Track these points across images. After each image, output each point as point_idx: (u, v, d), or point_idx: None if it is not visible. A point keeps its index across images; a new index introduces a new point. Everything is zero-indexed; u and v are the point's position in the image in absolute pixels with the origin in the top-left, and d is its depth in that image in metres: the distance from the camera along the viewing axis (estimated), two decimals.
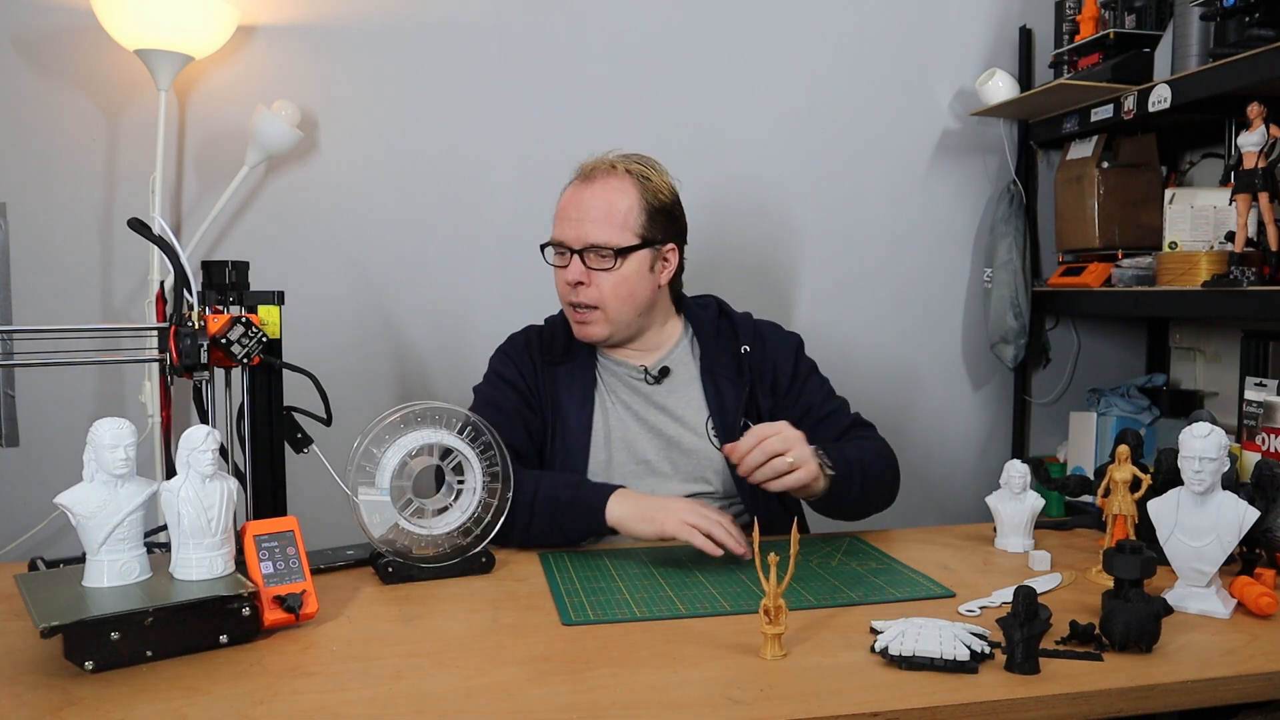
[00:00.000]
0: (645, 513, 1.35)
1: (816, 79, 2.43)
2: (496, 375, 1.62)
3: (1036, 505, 1.41)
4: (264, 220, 2.20)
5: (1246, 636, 1.06)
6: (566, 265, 1.53)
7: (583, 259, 1.51)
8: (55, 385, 2.10)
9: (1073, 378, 2.65)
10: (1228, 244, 1.99)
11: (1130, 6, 2.19)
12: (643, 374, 1.60)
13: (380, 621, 1.11)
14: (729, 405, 1.58)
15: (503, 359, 1.63)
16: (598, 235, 1.51)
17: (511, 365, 1.61)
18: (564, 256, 1.54)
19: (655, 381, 1.60)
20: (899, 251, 2.52)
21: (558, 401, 1.57)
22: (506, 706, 0.89)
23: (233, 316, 1.18)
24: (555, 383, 1.58)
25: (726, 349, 1.62)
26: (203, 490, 1.06)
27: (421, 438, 1.26)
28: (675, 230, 1.59)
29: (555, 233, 1.55)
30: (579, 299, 1.53)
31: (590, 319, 1.54)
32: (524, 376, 1.59)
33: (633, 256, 1.52)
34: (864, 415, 1.66)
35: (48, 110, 2.09)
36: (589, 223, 1.51)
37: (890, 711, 0.88)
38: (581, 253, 1.51)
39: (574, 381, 1.58)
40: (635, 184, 1.53)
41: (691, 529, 1.31)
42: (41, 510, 2.05)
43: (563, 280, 1.55)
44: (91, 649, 0.94)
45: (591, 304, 1.53)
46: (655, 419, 1.58)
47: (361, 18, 2.21)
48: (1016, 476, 1.40)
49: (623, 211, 1.52)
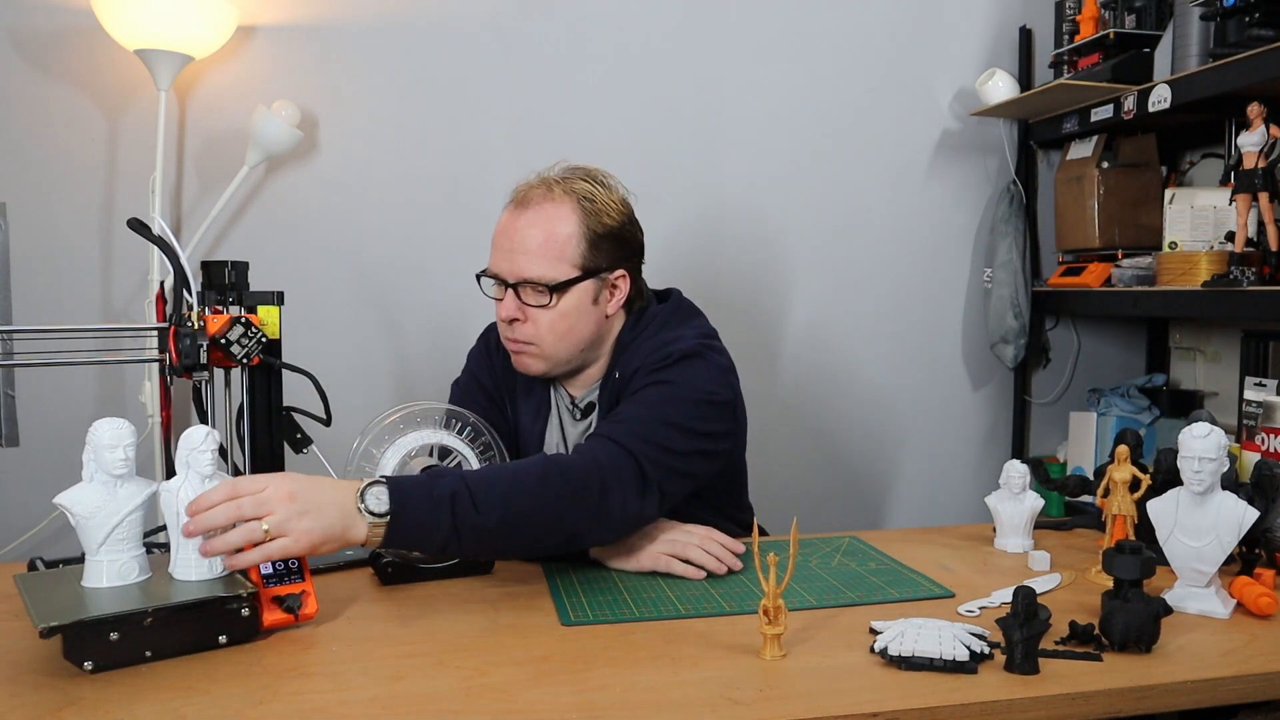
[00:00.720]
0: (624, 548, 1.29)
1: (816, 79, 2.43)
2: (468, 374, 1.57)
3: (1036, 505, 1.40)
4: (264, 220, 2.20)
5: (1246, 636, 1.06)
6: (502, 298, 1.40)
7: (517, 293, 1.37)
8: (55, 385, 2.10)
9: (1073, 378, 2.65)
10: (1228, 244, 1.99)
11: (1130, 6, 2.19)
12: (570, 405, 1.51)
13: (380, 622, 1.11)
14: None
15: (475, 357, 1.59)
16: (531, 270, 1.35)
17: (483, 365, 1.56)
18: (500, 288, 1.40)
19: (582, 416, 1.50)
20: (899, 251, 2.52)
21: (516, 409, 1.52)
22: (506, 706, 0.89)
23: (232, 317, 1.18)
24: (515, 389, 1.53)
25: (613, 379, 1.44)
26: (202, 490, 1.05)
27: (421, 438, 1.26)
28: (625, 253, 1.42)
29: (490, 263, 1.40)
30: (513, 334, 1.40)
31: (526, 352, 1.41)
32: (493, 378, 1.55)
33: (571, 291, 1.37)
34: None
35: (48, 110, 2.09)
36: (521, 255, 1.36)
37: (890, 711, 0.88)
38: (515, 287, 1.37)
39: (531, 394, 1.51)
40: (575, 208, 1.37)
41: (669, 560, 1.26)
42: (41, 510, 2.05)
43: (499, 311, 1.42)
44: (91, 649, 0.94)
45: (527, 340, 1.39)
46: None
47: (361, 18, 2.21)
48: (1016, 477, 1.40)
49: (560, 241, 1.36)
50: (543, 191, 1.38)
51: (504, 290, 1.40)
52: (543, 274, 1.36)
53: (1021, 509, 1.40)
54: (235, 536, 1.02)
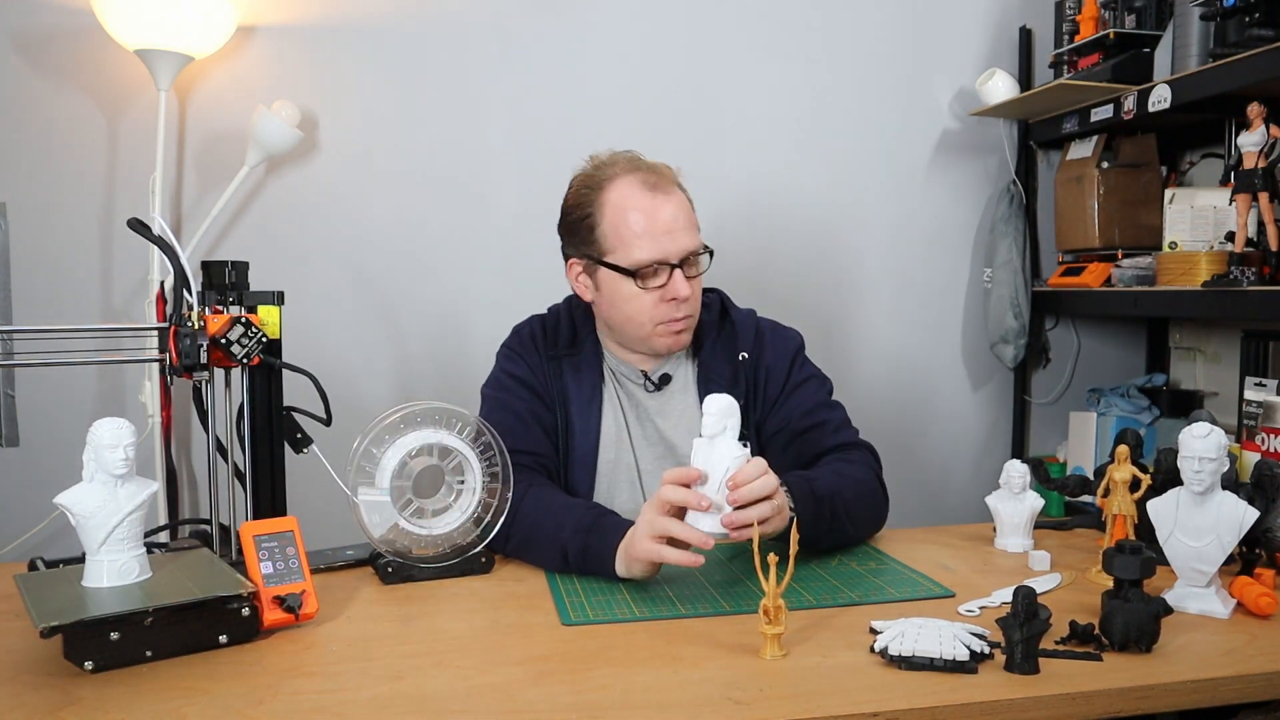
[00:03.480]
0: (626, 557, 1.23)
1: (816, 79, 2.43)
2: (506, 375, 1.52)
3: (1036, 505, 1.40)
4: (264, 220, 2.20)
5: (1246, 636, 1.06)
6: (665, 282, 1.43)
7: (683, 269, 1.44)
8: (55, 385, 2.10)
9: (1073, 378, 2.66)
10: (1228, 244, 1.99)
11: (1130, 6, 2.19)
12: (643, 379, 1.53)
13: (380, 621, 1.11)
14: None
15: (509, 355, 1.55)
16: (693, 242, 1.45)
17: (520, 361, 1.52)
18: (661, 274, 1.43)
19: (655, 389, 1.53)
20: (899, 251, 2.52)
21: (565, 396, 1.50)
22: (506, 706, 0.89)
23: (233, 316, 1.18)
24: (562, 376, 1.51)
25: (725, 355, 1.53)
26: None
27: (421, 438, 1.26)
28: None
29: (648, 253, 1.42)
30: (683, 313, 1.45)
31: (687, 328, 1.48)
32: (534, 372, 1.51)
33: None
34: (865, 417, 1.63)
35: (48, 110, 2.09)
36: (682, 231, 1.44)
37: (890, 711, 0.88)
38: (681, 264, 1.43)
39: (581, 376, 1.51)
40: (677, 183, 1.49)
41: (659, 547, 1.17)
42: (41, 510, 2.05)
43: (654, 301, 1.43)
44: (91, 649, 0.94)
45: (689, 314, 1.47)
46: (649, 428, 1.53)
47: (361, 18, 2.21)
48: (1016, 477, 1.40)
49: (693, 213, 1.49)
50: (664, 176, 1.47)
51: (666, 274, 1.43)
52: (699, 244, 1.47)
53: (1022, 508, 1.40)
54: (766, 508, 1.15)
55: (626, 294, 1.44)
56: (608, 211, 1.44)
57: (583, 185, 1.48)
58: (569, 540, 1.26)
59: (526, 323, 1.59)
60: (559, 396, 1.51)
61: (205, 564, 1.13)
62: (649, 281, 1.43)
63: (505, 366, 1.54)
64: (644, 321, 1.45)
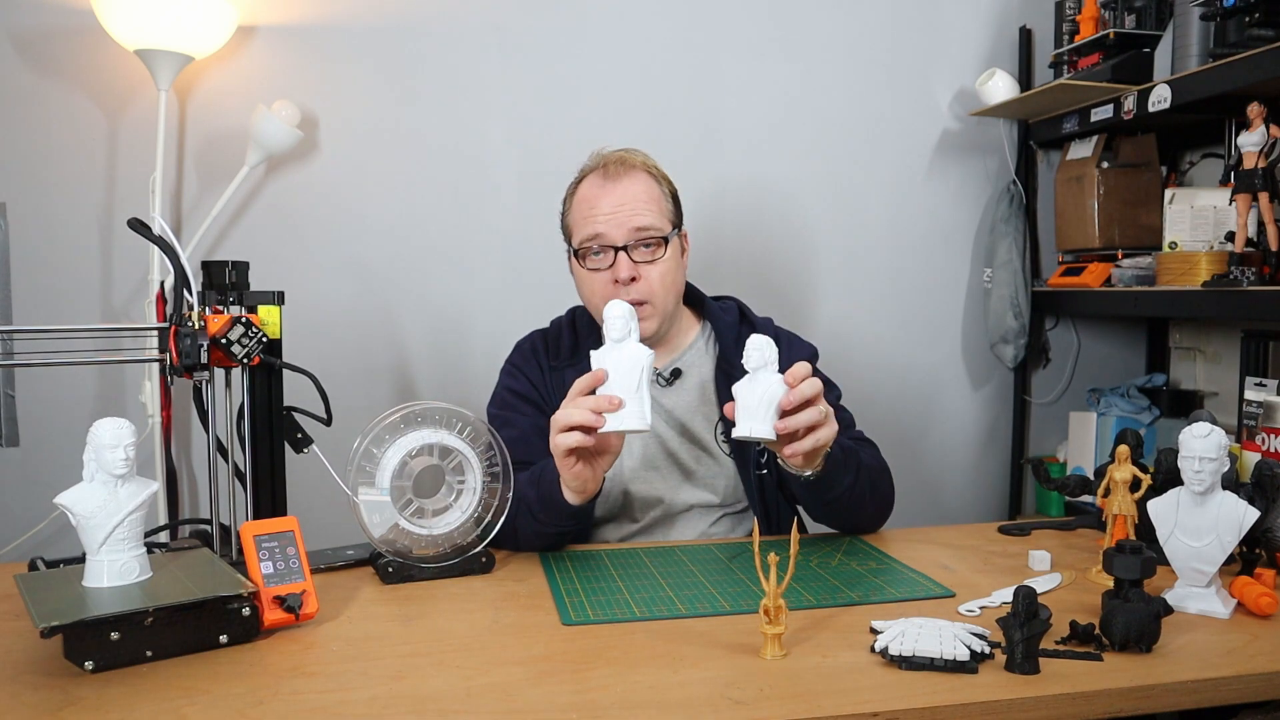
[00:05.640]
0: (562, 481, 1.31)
1: (816, 79, 2.43)
2: (508, 391, 1.56)
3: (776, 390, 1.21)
4: (264, 220, 2.20)
5: (1246, 636, 1.06)
6: (611, 264, 1.47)
7: (628, 253, 1.46)
8: (55, 385, 2.10)
9: (1073, 378, 2.66)
10: (1228, 244, 1.99)
11: (1130, 6, 2.19)
12: (655, 375, 1.55)
13: (380, 621, 1.11)
14: None
15: (511, 372, 1.58)
16: (642, 222, 1.46)
17: (521, 377, 1.56)
18: (604, 256, 1.48)
19: (667, 384, 1.56)
20: (899, 251, 2.52)
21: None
22: (506, 706, 0.89)
23: (233, 316, 1.18)
24: (564, 386, 1.50)
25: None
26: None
27: (421, 438, 1.26)
28: (681, 216, 1.57)
29: (589, 231, 1.47)
30: (632, 296, 1.44)
31: (646, 315, 1.47)
32: (535, 386, 1.55)
33: (672, 242, 1.50)
34: (865, 417, 1.64)
35: (48, 110, 2.09)
36: (630, 212, 1.46)
37: (890, 711, 0.88)
38: (625, 247, 1.46)
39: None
40: (648, 171, 1.52)
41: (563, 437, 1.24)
42: (41, 510, 2.05)
43: (604, 282, 1.47)
44: (91, 649, 0.94)
45: (642, 299, 1.46)
46: (663, 423, 1.54)
47: (361, 18, 2.21)
48: (753, 352, 1.22)
49: (656, 197, 1.50)
50: (617, 162, 1.50)
51: (611, 256, 1.47)
52: (653, 224, 1.48)
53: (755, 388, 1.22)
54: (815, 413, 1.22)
55: (580, 277, 1.52)
56: (573, 204, 1.54)
57: (571, 183, 1.57)
58: (527, 492, 1.35)
59: (528, 337, 1.63)
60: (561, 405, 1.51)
61: (205, 564, 1.12)
62: (587, 261, 1.49)
63: (507, 384, 1.59)
64: (596, 305, 1.50)
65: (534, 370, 1.56)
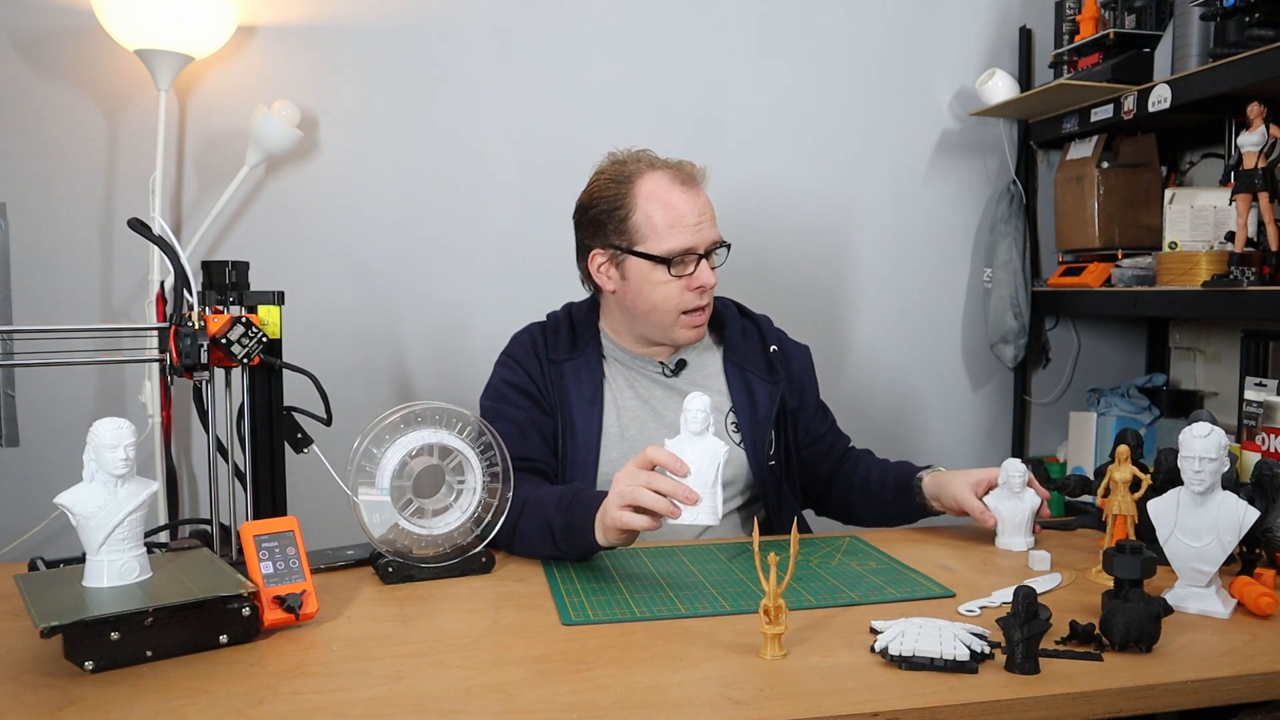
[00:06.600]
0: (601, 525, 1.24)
1: (816, 79, 2.43)
2: (503, 384, 1.55)
3: (1035, 503, 1.40)
4: (264, 220, 2.20)
5: (1246, 636, 1.06)
6: (693, 270, 1.51)
7: (708, 259, 1.53)
8: (55, 385, 2.10)
9: (1073, 378, 2.65)
10: (1228, 244, 1.99)
11: (1130, 6, 2.19)
12: (660, 367, 1.59)
13: (380, 621, 1.11)
14: (760, 402, 1.57)
15: (507, 364, 1.57)
16: (718, 234, 1.54)
17: (519, 369, 1.55)
18: (689, 263, 1.51)
19: (673, 374, 1.59)
20: (899, 251, 2.52)
21: (566, 400, 1.52)
22: (506, 706, 0.89)
23: (233, 316, 1.18)
24: (563, 380, 1.53)
25: (753, 346, 1.63)
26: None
27: (421, 438, 1.26)
28: None
29: (685, 242, 1.49)
30: (709, 301, 1.55)
31: (706, 320, 1.57)
32: (533, 379, 1.54)
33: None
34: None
35: (48, 110, 2.09)
36: (710, 222, 1.53)
37: (890, 711, 0.88)
38: (708, 254, 1.53)
39: (581, 379, 1.54)
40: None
41: (630, 514, 1.18)
42: (41, 510, 2.05)
43: (681, 289, 1.51)
44: (91, 649, 0.94)
45: (710, 304, 1.56)
46: (673, 413, 1.53)
47: (361, 18, 2.21)
48: (1015, 476, 1.40)
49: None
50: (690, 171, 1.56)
51: (693, 263, 1.51)
52: (721, 233, 1.55)
53: (1021, 507, 1.40)
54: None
55: (656, 282, 1.50)
56: (641, 202, 1.50)
57: (611, 179, 1.54)
58: (553, 517, 1.30)
59: (525, 330, 1.62)
60: (559, 400, 1.52)
61: (205, 564, 1.13)
62: (679, 269, 1.50)
63: (502, 375, 1.57)
64: (670, 309, 1.51)
65: (532, 364, 1.55)
